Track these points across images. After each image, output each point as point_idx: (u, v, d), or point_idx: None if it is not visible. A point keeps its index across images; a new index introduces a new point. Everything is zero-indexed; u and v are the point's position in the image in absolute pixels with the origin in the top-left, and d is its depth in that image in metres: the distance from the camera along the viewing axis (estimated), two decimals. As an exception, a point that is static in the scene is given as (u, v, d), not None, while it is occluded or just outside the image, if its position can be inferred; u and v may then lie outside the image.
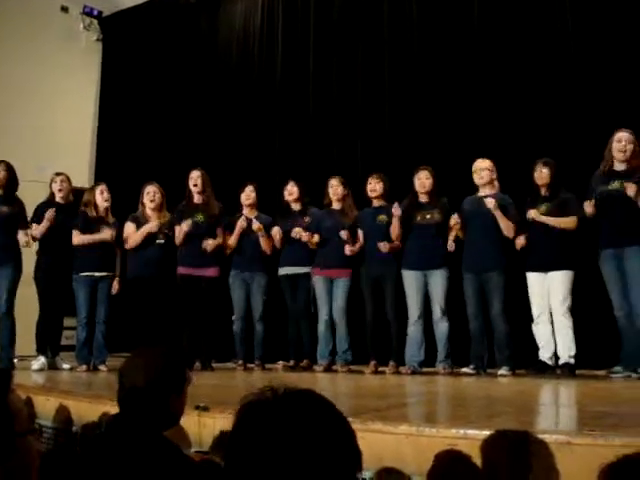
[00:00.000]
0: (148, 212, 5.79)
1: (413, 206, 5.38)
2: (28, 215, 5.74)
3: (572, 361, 4.68)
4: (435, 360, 5.21)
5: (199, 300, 5.67)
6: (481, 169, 5.17)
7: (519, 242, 4.94)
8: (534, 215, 4.89)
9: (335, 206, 5.79)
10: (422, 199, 5.39)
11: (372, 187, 5.58)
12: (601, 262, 4.69)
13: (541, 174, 4.94)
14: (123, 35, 9.17)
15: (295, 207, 5.99)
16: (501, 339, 4.93)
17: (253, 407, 1.05)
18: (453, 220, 5.14)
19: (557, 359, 4.77)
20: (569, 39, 5.69)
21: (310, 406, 1.04)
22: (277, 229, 5.80)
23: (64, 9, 8.96)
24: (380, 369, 5.35)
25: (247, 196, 6.03)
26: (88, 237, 5.65)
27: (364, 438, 1.08)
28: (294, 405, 1.03)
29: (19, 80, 8.12)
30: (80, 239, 5.65)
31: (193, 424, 2.73)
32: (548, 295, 4.82)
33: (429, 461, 2.09)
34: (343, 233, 5.49)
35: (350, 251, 5.51)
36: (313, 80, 7.25)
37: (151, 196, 5.78)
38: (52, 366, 5.68)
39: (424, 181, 5.35)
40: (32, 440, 1.38)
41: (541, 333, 4.84)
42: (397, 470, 2.16)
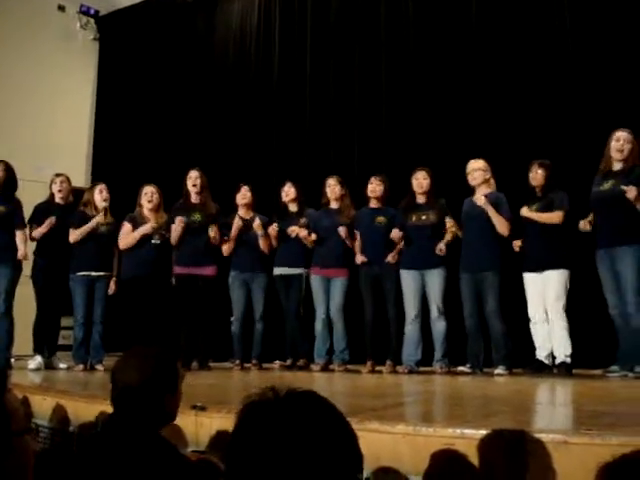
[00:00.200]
0: (146, 213, 5.78)
1: (410, 207, 5.39)
2: (26, 215, 5.71)
3: (568, 360, 4.69)
4: (432, 359, 5.22)
5: (196, 299, 5.67)
6: (474, 170, 5.19)
7: (517, 244, 4.96)
8: (524, 212, 4.93)
9: (333, 205, 5.80)
10: (419, 200, 5.40)
11: (372, 188, 5.58)
12: (597, 261, 4.71)
13: (536, 175, 4.96)
14: (120, 34, 9.17)
15: (292, 208, 5.99)
16: (497, 338, 4.93)
17: (255, 408, 1.04)
18: (448, 223, 5.17)
19: (554, 358, 4.79)
20: (567, 39, 5.71)
21: (311, 407, 1.04)
22: (274, 226, 5.81)
23: (61, 8, 8.96)
24: (377, 368, 5.36)
25: (243, 196, 6.02)
26: (81, 229, 5.63)
27: (361, 438, 1.07)
28: (296, 406, 1.03)
29: (16, 79, 8.12)
30: (74, 235, 5.64)
31: (190, 423, 2.73)
32: (544, 295, 4.84)
33: (426, 460, 2.10)
34: (341, 229, 5.50)
35: (350, 244, 5.54)
36: (310, 80, 7.25)
37: (149, 197, 5.78)
38: (49, 366, 5.68)
39: (421, 181, 5.36)
40: (29, 440, 1.38)
41: (538, 333, 4.86)
42: (394, 470, 2.16)
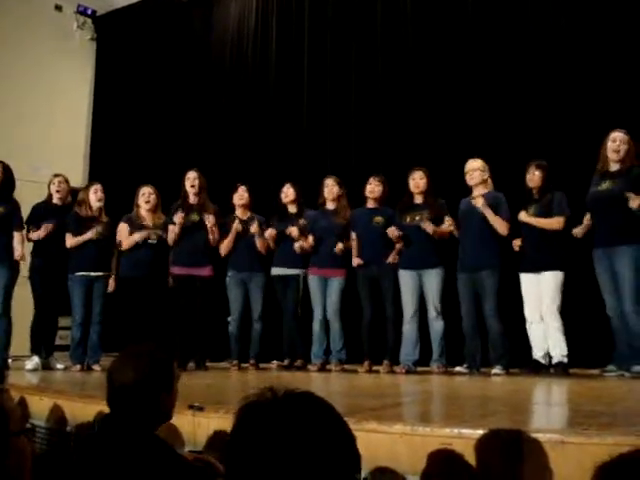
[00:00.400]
0: (143, 213, 5.78)
1: (406, 207, 5.39)
2: (24, 215, 5.69)
3: (565, 360, 4.70)
4: (429, 359, 5.22)
5: (194, 300, 5.66)
6: (472, 169, 5.19)
7: (516, 243, 4.97)
8: (522, 217, 4.93)
9: (329, 206, 5.80)
10: (417, 200, 5.40)
11: (371, 188, 5.57)
12: (594, 261, 4.71)
13: (533, 176, 4.96)
14: (117, 34, 9.16)
15: (291, 209, 5.98)
16: (495, 338, 4.94)
17: (253, 408, 1.05)
18: (447, 222, 5.18)
19: (550, 358, 4.79)
20: (564, 39, 5.71)
21: (309, 408, 1.05)
22: (270, 231, 5.80)
23: (58, 8, 8.95)
24: (374, 368, 5.36)
25: (240, 196, 6.02)
26: (75, 240, 5.63)
27: (359, 437, 1.08)
28: (294, 407, 1.03)
29: (13, 79, 8.11)
30: (70, 241, 5.65)
31: (187, 423, 2.73)
32: (540, 295, 4.84)
33: (423, 460, 2.10)
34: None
35: (339, 251, 5.51)
36: (307, 80, 7.25)
37: (146, 197, 5.77)
38: (46, 366, 5.66)
39: (418, 181, 5.36)
40: (26, 440, 1.38)
41: (534, 333, 4.87)
42: (391, 469, 2.16)
